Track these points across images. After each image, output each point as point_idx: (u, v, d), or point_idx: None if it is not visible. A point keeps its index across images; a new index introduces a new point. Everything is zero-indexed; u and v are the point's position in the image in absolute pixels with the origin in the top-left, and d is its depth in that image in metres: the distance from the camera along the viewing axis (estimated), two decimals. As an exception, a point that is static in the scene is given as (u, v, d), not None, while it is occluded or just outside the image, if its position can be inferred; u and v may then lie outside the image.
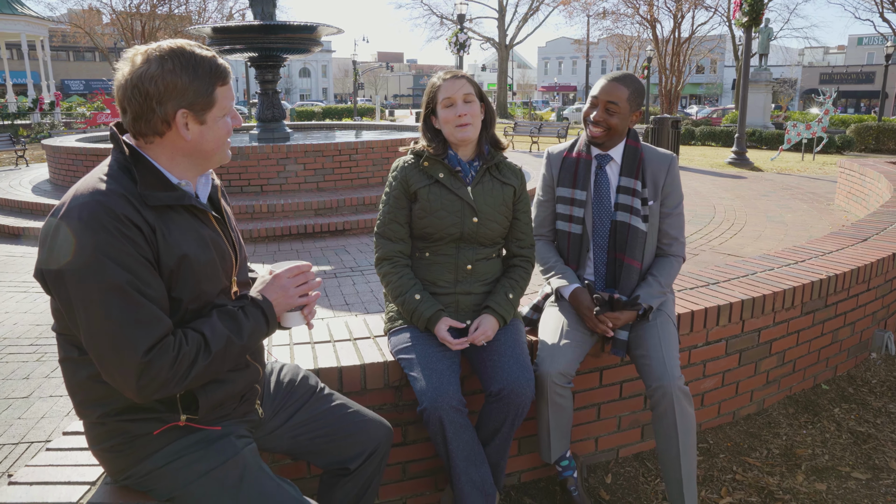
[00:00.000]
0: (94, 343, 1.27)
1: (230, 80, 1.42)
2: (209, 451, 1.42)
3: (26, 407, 3.18)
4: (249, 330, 1.42)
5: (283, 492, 1.43)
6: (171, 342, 1.30)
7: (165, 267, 1.33)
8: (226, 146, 1.46)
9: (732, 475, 2.58)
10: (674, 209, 2.32)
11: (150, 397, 1.31)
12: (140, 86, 1.31)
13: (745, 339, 2.85)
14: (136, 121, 1.34)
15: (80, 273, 1.24)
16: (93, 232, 1.24)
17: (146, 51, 1.33)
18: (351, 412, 1.77)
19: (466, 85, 2.09)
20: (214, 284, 1.43)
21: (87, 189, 1.30)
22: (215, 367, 1.37)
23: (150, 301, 1.29)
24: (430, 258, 2.17)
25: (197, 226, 1.41)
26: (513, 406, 1.99)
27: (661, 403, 2.04)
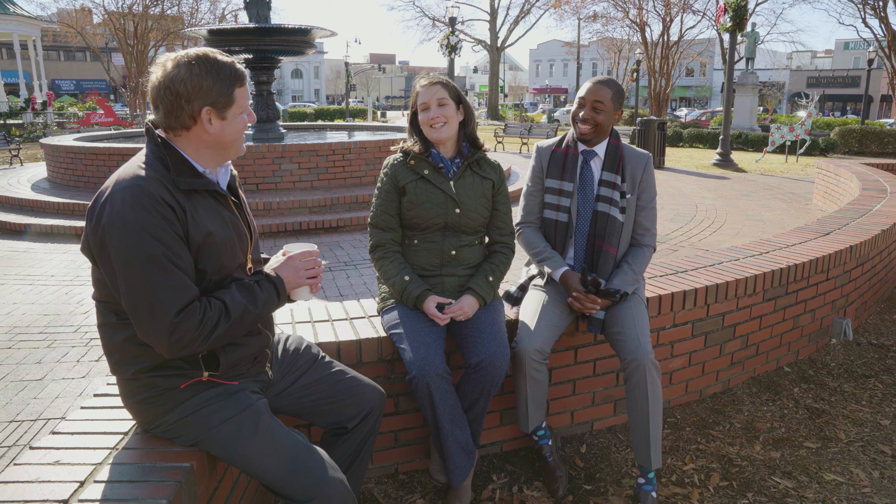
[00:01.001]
0: (133, 306, 1.49)
1: (246, 83, 1.66)
2: (228, 402, 1.65)
3: (41, 388, 3.38)
4: (263, 300, 1.66)
5: (293, 437, 1.66)
6: (198, 307, 1.53)
7: (193, 242, 1.56)
8: (242, 139, 1.69)
9: (696, 445, 2.83)
10: (648, 203, 2.57)
11: (179, 353, 1.53)
12: (171, 87, 1.54)
13: (710, 323, 3.10)
14: (167, 116, 1.58)
15: (124, 245, 1.47)
16: (134, 211, 1.47)
17: (176, 57, 1.57)
18: (349, 377, 2.00)
19: (440, 90, 2.32)
20: (233, 259, 1.66)
21: (129, 175, 1.53)
22: (233, 331, 1.60)
23: (181, 270, 1.52)
24: (419, 245, 2.40)
25: (219, 208, 1.65)
26: (489, 377, 2.23)
27: (634, 375, 2.28)
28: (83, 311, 4.58)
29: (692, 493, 2.49)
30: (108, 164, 8.19)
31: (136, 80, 29.22)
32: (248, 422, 1.63)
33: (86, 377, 3.51)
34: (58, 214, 7.53)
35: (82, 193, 8.10)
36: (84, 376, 3.52)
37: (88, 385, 3.41)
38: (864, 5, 25.19)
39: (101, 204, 1.51)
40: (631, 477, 2.59)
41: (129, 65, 29.33)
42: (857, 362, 3.70)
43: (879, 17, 24.77)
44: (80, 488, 1.47)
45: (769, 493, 2.48)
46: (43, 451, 1.61)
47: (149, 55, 29.97)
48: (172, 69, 1.55)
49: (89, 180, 8.37)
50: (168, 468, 1.55)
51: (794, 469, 2.64)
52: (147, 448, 1.64)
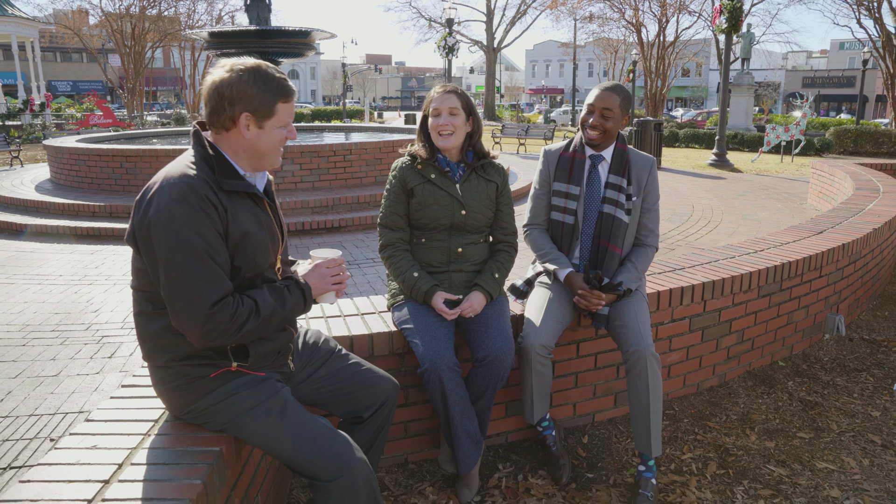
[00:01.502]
0: (171, 295, 1.60)
1: (293, 100, 1.76)
2: (255, 390, 1.75)
3: (56, 384, 3.48)
4: (291, 304, 1.77)
5: (318, 421, 1.76)
6: (231, 301, 1.64)
7: (231, 240, 1.67)
8: (277, 152, 1.79)
9: (694, 436, 2.94)
10: (652, 205, 2.68)
11: (209, 343, 1.64)
12: (219, 89, 1.66)
13: (706, 318, 3.21)
14: (210, 114, 1.70)
15: (168, 237, 1.58)
16: (180, 206, 1.58)
17: (232, 64, 1.69)
18: (364, 369, 2.11)
19: (454, 100, 2.43)
20: (265, 258, 1.78)
21: (177, 172, 1.64)
22: (261, 329, 1.71)
23: (218, 266, 1.63)
24: (426, 243, 2.51)
25: (255, 210, 1.77)
26: (495, 370, 2.33)
27: (636, 366, 2.38)
28: (93, 309, 4.67)
29: (690, 480, 2.59)
30: (112, 166, 8.28)
31: (134, 82, 29.25)
32: (275, 407, 1.73)
33: (100, 373, 3.61)
34: (63, 215, 7.61)
35: (86, 194, 8.18)
36: (98, 372, 3.62)
37: (103, 381, 3.51)
38: (859, 6, 25.36)
39: (150, 197, 1.62)
40: (632, 466, 2.70)
41: (126, 66, 29.36)
42: (849, 357, 3.81)
43: (874, 18, 24.95)
44: (118, 470, 1.57)
45: (764, 481, 2.59)
46: (80, 437, 1.71)
47: (146, 56, 29.99)
48: (225, 74, 1.67)
49: (93, 181, 8.45)
50: (199, 452, 1.65)
51: (788, 458, 2.75)
52: (178, 434, 1.74)
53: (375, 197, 7.95)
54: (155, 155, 8.11)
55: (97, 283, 5.35)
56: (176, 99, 47.63)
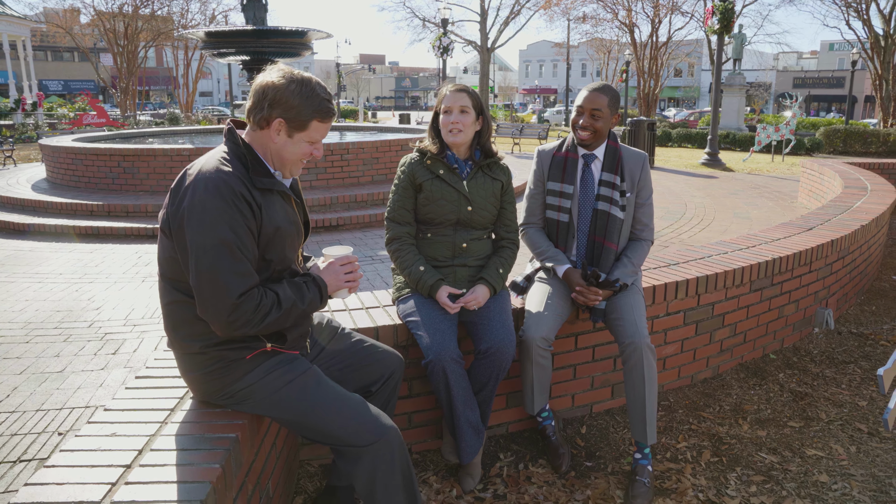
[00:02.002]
0: (199, 283, 1.68)
1: (330, 122, 1.85)
2: (291, 367, 1.86)
3: (62, 380, 3.52)
4: (309, 299, 1.86)
5: (351, 395, 1.89)
6: (256, 293, 1.73)
7: (265, 235, 1.76)
8: (299, 164, 1.89)
9: (689, 426, 3.02)
10: (646, 200, 2.76)
11: (233, 332, 1.72)
12: (265, 89, 1.76)
13: (700, 312, 3.30)
14: (251, 109, 1.79)
15: (202, 228, 1.66)
16: (214, 199, 1.66)
17: (287, 70, 1.78)
18: (368, 345, 2.23)
19: (465, 98, 2.51)
20: (294, 252, 1.89)
21: (212, 167, 1.72)
22: (282, 321, 1.80)
23: (247, 259, 1.71)
24: (432, 238, 2.58)
25: (285, 206, 1.86)
26: (497, 362, 2.41)
27: (632, 357, 2.47)
28: (95, 307, 4.71)
29: (685, 468, 2.68)
30: (109, 165, 8.30)
31: (127, 81, 29.16)
32: (311, 380, 1.85)
33: (104, 369, 3.66)
34: (60, 214, 7.64)
35: (83, 193, 8.21)
36: (103, 368, 3.67)
37: (108, 377, 3.56)
38: (848, 8, 25.60)
39: (185, 188, 1.70)
40: (629, 455, 2.78)
41: (119, 65, 29.26)
42: (837, 350, 3.91)
43: (862, 20, 25.21)
44: (139, 455, 1.64)
45: (756, 467, 2.68)
46: (99, 426, 1.77)
47: (139, 56, 29.90)
48: (277, 78, 1.76)
49: (90, 180, 8.48)
50: (216, 438, 1.72)
51: (779, 446, 2.84)
52: (195, 421, 1.80)
53: (373, 196, 8.02)
54: (153, 154, 8.14)
55: (97, 281, 5.39)
56: (169, 98, 47.49)
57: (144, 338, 4.12)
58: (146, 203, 7.53)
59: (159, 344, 4.01)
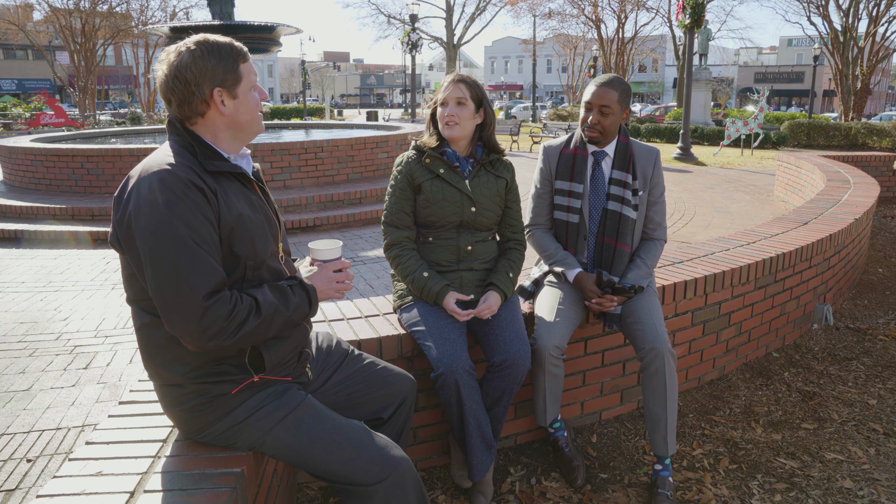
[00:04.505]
0: (160, 291, 1.45)
1: (249, 59, 1.65)
2: (282, 401, 1.63)
3: (29, 399, 3.25)
4: (295, 305, 1.63)
5: (353, 424, 1.66)
6: (228, 297, 1.50)
7: (226, 224, 1.53)
8: (259, 118, 1.67)
9: (702, 431, 2.91)
10: (659, 198, 2.62)
11: (207, 344, 1.47)
12: (179, 75, 1.53)
13: (707, 311, 3.19)
14: (180, 107, 1.56)
15: (152, 228, 1.44)
16: (162, 195, 1.45)
17: (176, 48, 1.56)
18: (380, 369, 2.01)
19: (462, 89, 2.33)
20: (265, 245, 1.63)
21: (155, 163, 1.51)
22: (262, 330, 1.55)
23: (208, 254, 1.48)
24: (434, 242, 2.41)
25: (246, 192, 1.64)
26: (512, 375, 2.25)
27: (653, 363, 2.33)
28: (62, 317, 4.41)
29: (704, 476, 2.56)
30: (72, 166, 7.90)
31: (85, 80, 28.19)
32: (306, 416, 1.62)
33: (76, 386, 3.39)
34: (20, 219, 7.22)
35: (45, 197, 7.79)
36: (74, 385, 3.40)
37: (80, 394, 3.30)
38: (809, 4, 26.13)
39: (128, 192, 1.49)
40: (644, 464, 2.65)
41: (76, 64, 28.27)
42: (838, 346, 3.86)
43: (822, 16, 25.77)
44: (131, 499, 1.43)
45: (777, 474, 2.57)
46: (82, 463, 1.56)
47: (97, 54, 28.94)
48: (175, 59, 1.54)
49: (51, 183, 8.05)
50: (219, 474, 1.52)
51: (797, 450, 2.74)
52: (192, 455, 1.60)
53: (350, 195, 7.79)
54: (118, 154, 7.76)
55: (64, 289, 5.07)
56: (130, 98, 46.18)
57: (118, 350, 3.85)
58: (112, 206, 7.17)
59: (134, 356, 3.75)
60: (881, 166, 9.11)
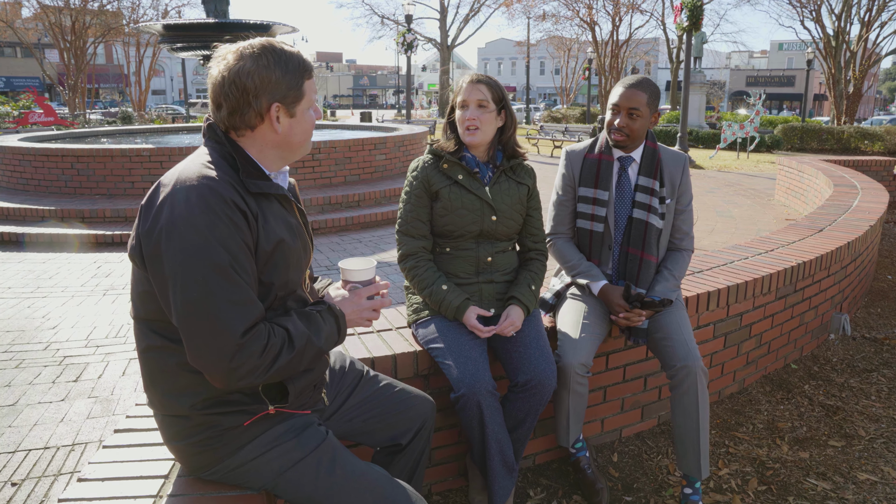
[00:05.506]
0: (189, 322, 1.29)
1: (314, 74, 1.49)
2: (300, 439, 1.47)
3: (14, 415, 3.08)
4: (326, 333, 1.47)
5: (373, 470, 1.50)
6: (263, 330, 1.34)
7: (263, 251, 1.38)
8: (310, 139, 1.52)
9: (726, 448, 2.78)
10: (686, 206, 2.49)
11: (236, 383, 1.32)
12: (238, 81, 1.37)
13: (729, 323, 3.07)
14: (231, 115, 1.40)
15: (187, 250, 1.27)
16: (201, 213, 1.28)
17: (238, 49, 1.39)
18: (398, 391, 1.86)
19: (483, 91, 2.18)
20: (297, 273, 1.49)
21: (194, 173, 1.34)
22: (294, 364, 1.40)
23: (247, 284, 1.33)
24: (452, 252, 2.26)
25: (286, 215, 1.48)
26: (538, 396, 2.11)
27: (684, 382, 2.19)
28: (50, 325, 4.23)
29: (734, 499, 2.43)
30: (62, 167, 7.68)
31: (75, 79, 27.83)
32: (325, 458, 1.46)
33: (65, 400, 3.22)
34: (7, 221, 6.99)
35: (33, 198, 7.57)
36: (63, 399, 3.23)
37: (70, 409, 3.13)
38: (803, 8, 26.21)
39: (160, 204, 1.32)
40: (669, 485, 2.52)
41: (66, 62, 27.89)
42: (856, 357, 3.75)
43: (815, 20, 25.85)
44: (130, 546, 1.28)
45: (809, 496, 2.45)
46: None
47: (88, 52, 28.58)
48: (236, 62, 1.38)
49: (40, 184, 7.83)
50: (229, 516, 1.37)
51: (827, 469, 2.62)
52: (198, 494, 1.44)
53: (348, 198, 7.63)
54: (110, 154, 7.55)
55: (52, 295, 4.88)
56: (121, 97, 45.72)
57: (110, 361, 3.68)
58: (103, 207, 6.98)
59: (128, 367, 3.59)
60: (881, 171, 9.04)
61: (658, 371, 2.84)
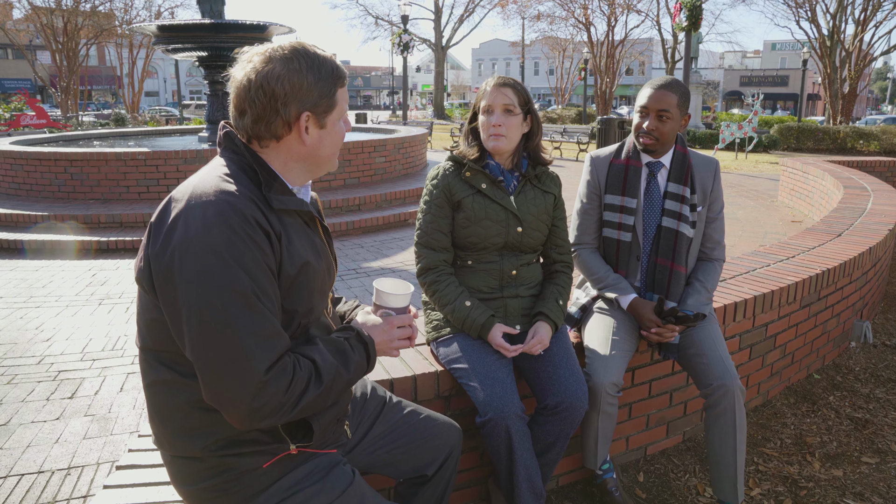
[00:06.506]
0: (206, 356, 1.15)
1: (347, 83, 1.35)
2: (327, 483, 1.33)
3: (7, 435, 2.93)
4: (355, 363, 1.34)
5: None
6: (288, 363, 1.21)
7: (286, 275, 1.24)
8: (337, 153, 1.38)
9: (755, 466, 2.66)
10: (718, 214, 2.37)
11: (257, 423, 1.19)
12: (266, 86, 1.23)
13: (755, 334, 2.95)
14: (256, 123, 1.26)
15: (202, 276, 1.14)
16: (220, 233, 1.15)
17: (266, 51, 1.26)
18: (423, 418, 1.73)
19: (510, 95, 2.05)
20: (323, 297, 1.36)
21: (210, 188, 1.20)
22: (322, 399, 1.27)
23: (271, 313, 1.20)
24: (474, 266, 2.13)
25: (310, 233, 1.35)
26: (569, 419, 1.99)
27: (721, 402, 2.07)
28: (44, 338, 4.08)
29: (769, 523, 2.31)
30: (55, 171, 7.51)
31: (68, 80, 27.56)
32: (353, 502, 1.32)
33: (60, 419, 3.07)
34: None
35: (25, 203, 7.39)
36: (58, 418, 3.08)
37: (65, 429, 2.98)
38: (798, 9, 26.21)
39: (172, 221, 1.18)
40: (700, 508, 2.39)
41: (58, 63, 27.62)
42: (879, 365, 3.64)
43: (811, 20, 25.85)
44: None
45: (848, 519, 2.33)
46: (74, 552, 1.26)
47: (80, 54, 28.32)
48: (264, 64, 1.24)
49: (32, 188, 7.65)
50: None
51: (864, 489, 2.50)
52: (211, 539, 1.31)
53: (348, 201, 7.49)
54: (104, 158, 7.38)
55: (46, 304, 4.73)
56: (114, 98, 45.36)
57: (107, 376, 3.53)
58: (98, 213, 6.81)
59: (125, 383, 3.44)
60: (886, 171, 8.97)
61: (683, 386, 2.72)
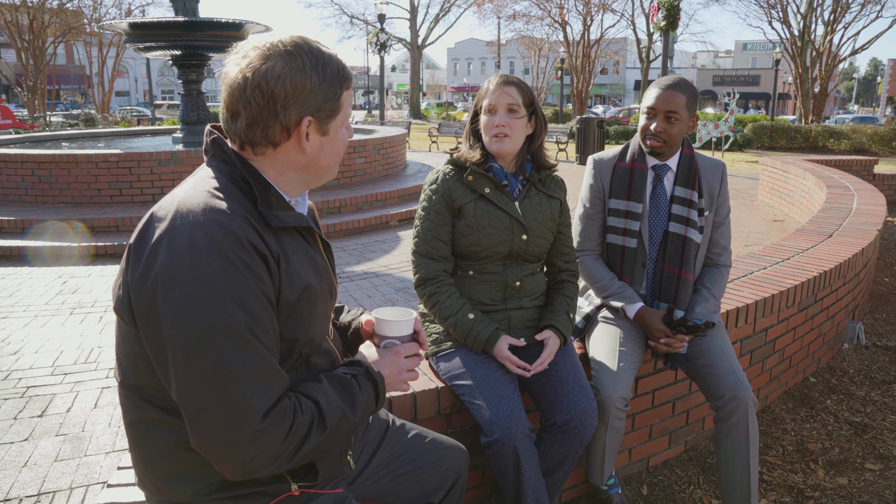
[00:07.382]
0: (193, 399, 1.02)
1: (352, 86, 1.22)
2: None
3: (-27, 458, 2.74)
4: (363, 404, 1.21)
5: None
6: (288, 407, 1.07)
7: (286, 302, 1.11)
8: (339, 162, 1.25)
9: (760, 476, 2.59)
10: (724, 218, 2.29)
11: (251, 475, 1.06)
12: (264, 85, 1.09)
13: (755, 340, 2.89)
14: (251, 127, 1.12)
15: (189, 308, 1.00)
16: (210, 258, 1.01)
17: (264, 46, 1.12)
18: (428, 442, 1.61)
19: (514, 94, 1.94)
20: (325, 322, 1.23)
21: (197, 204, 1.06)
22: (325, 446, 1.14)
23: (268, 349, 1.06)
24: (475, 276, 2.02)
25: (310, 251, 1.21)
26: (578, 437, 1.89)
27: (734, 414, 1.99)
28: (11, 351, 3.87)
29: (779, 537, 2.24)
30: (21, 174, 7.22)
31: (34, 79, 26.82)
32: None
33: (29, 440, 2.89)
34: (-39, 233, 6.54)
35: (-11, 208, 7.10)
36: (26, 439, 2.90)
37: (34, 450, 2.80)
38: (770, 9, 26.61)
39: (155, 243, 1.04)
40: (708, 522, 2.32)
41: (24, 62, 26.86)
42: (872, 367, 3.61)
43: (782, 21, 26.27)
44: None
45: (858, 530, 2.27)
46: None
47: (47, 52, 27.58)
48: (262, 61, 1.10)
49: (-3, 193, 7.36)
50: None
51: (871, 497, 2.45)
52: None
53: (328, 204, 7.33)
54: (74, 160, 7.11)
55: (13, 315, 4.50)
56: (83, 98, 44.35)
57: (79, 391, 3.35)
58: (69, 217, 6.56)
59: (99, 398, 3.26)
60: (862, 170, 9.08)
61: (686, 395, 2.65)
